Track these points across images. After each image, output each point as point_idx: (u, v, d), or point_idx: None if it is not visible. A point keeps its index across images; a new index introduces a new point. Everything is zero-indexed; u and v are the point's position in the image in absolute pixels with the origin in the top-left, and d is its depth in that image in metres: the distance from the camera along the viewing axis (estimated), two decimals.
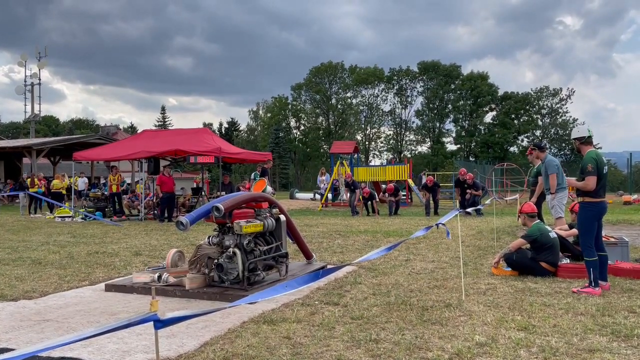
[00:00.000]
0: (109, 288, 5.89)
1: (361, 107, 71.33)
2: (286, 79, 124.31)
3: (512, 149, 66.29)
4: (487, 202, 9.64)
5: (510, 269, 6.42)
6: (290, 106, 73.60)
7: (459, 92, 67.39)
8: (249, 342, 3.89)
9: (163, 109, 78.00)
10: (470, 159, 63.17)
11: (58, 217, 16.59)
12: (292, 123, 74.39)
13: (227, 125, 75.55)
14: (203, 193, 18.38)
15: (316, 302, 5.08)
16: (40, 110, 40.55)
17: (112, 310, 5.06)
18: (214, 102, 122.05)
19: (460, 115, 68.29)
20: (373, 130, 72.10)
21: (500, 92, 66.91)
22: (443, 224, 4.95)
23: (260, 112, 77.23)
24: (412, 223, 13.25)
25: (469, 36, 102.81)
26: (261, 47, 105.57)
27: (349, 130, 70.61)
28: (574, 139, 5.64)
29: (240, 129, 77.85)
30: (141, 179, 23.30)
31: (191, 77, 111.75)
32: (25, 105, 39.66)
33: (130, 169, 30.12)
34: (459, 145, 68.90)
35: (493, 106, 67.14)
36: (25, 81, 39.12)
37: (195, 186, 23.17)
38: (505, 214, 14.97)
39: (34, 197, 19.41)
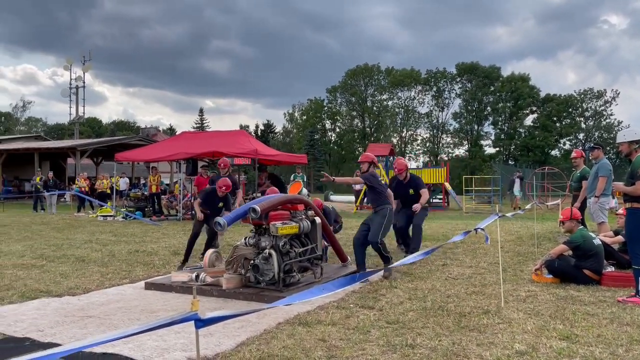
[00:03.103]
0: (149, 286, 6.03)
1: (397, 109, 70.85)
2: (321, 81, 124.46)
3: (553, 152, 64.53)
4: (528, 206, 9.40)
5: (551, 276, 6.23)
6: (325, 108, 73.78)
7: (498, 94, 66.11)
8: (284, 344, 3.91)
9: (201, 111, 79.46)
10: (510, 162, 61.82)
11: (100, 216, 17.10)
12: (327, 125, 74.57)
13: (262, 128, 76.30)
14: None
15: (351, 305, 5.07)
16: (84, 112, 42.02)
17: (151, 308, 5.17)
18: (250, 104, 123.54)
19: (500, 118, 66.95)
20: (409, 133, 71.51)
21: (542, 94, 65.29)
22: (482, 229, 4.85)
23: (296, 114, 77.76)
24: (449, 227, 13.05)
25: (508, 37, 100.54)
26: (296, 49, 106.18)
27: (385, 133, 70.22)
28: (629, 142, 5.37)
29: (276, 131, 78.54)
30: (179, 180, 23.79)
31: (228, 79, 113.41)
32: (70, 107, 41.18)
33: (169, 169, 30.79)
34: (497, 148, 67.55)
35: (534, 108, 65.55)
36: (70, 84, 40.62)
37: None
38: (546, 219, 14.57)
39: (79, 196, 20.07)
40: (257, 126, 77.94)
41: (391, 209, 6.98)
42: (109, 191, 20.72)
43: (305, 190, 5.64)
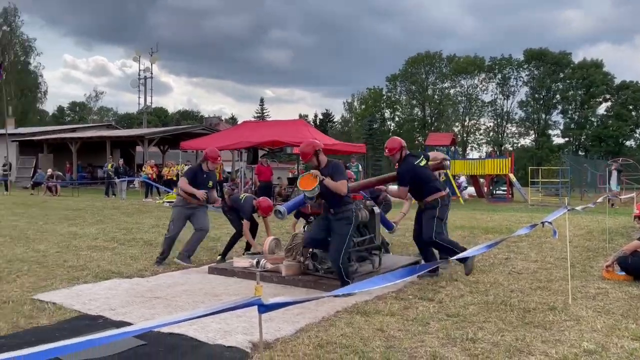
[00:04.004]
0: (212, 271, 6.24)
1: (459, 98, 69.00)
2: (381, 70, 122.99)
3: (628, 142, 60.78)
4: (599, 200, 8.92)
5: (624, 273, 5.90)
6: (384, 97, 72.98)
7: (568, 81, 62.91)
8: (342, 332, 3.93)
9: (261, 100, 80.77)
10: (580, 152, 58.85)
11: (166, 202, 17.82)
12: (387, 114, 73.78)
13: (321, 117, 76.58)
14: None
15: (410, 297, 5.02)
16: (151, 102, 43.83)
17: (214, 292, 5.35)
18: (309, 93, 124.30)
19: (570, 106, 63.75)
20: (472, 122, 69.53)
21: (617, 81, 61.47)
22: (549, 223, 4.65)
23: (355, 103, 77.43)
24: (513, 220, 12.62)
25: (580, 20, 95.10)
26: (356, 38, 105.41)
27: (446, 122, 68.65)
28: None
29: (335, 120, 78.60)
30: (241, 168, 24.36)
31: (287, 69, 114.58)
32: (139, 97, 43.01)
33: (231, 158, 31.59)
34: (567, 139, 64.42)
35: (607, 96, 61.88)
36: (139, 75, 42.39)
37: (290, 176, 23.79)
38: (619, 213, 13.77)
39: (147, 183, 21.01)
40: (315, 115, 78.40)
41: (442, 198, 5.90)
42: (174, 178, 21.55)
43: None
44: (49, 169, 25.02)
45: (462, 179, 22.67)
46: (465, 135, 68.35)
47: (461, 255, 3.78)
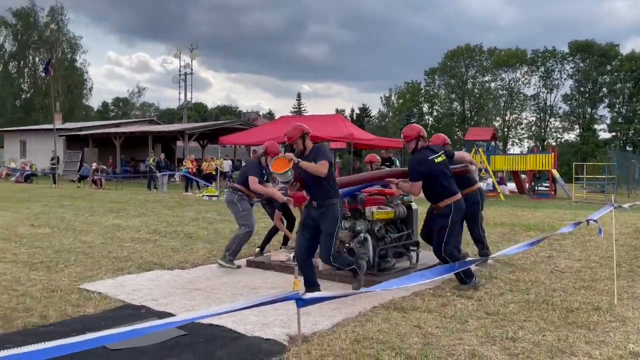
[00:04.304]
0: (250, 264, 6.33)
1: (500, 92, 67.38)
2: (419, 64, 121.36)
3: None
4: None
5: None
6: (422, 91, 72.02)
7: (616, 73, 60.41)
8: (379, 327, 3.93)
9: (298, 95, 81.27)
10: (627, 148, 56.57)
11: (206, 195, 18.16)
12: (425, 109, 72.78)
13: (358, 111, 76.29)
14: None
15: (448, 294, 4.97)
16: (191, 98, 44.70)
17: (253, 284, 5.44)
18: (346, 88, 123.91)
19: (617, 100, 61.25)
20: (513, 116, 67.80)
21: None
22: (594, 220, 4.50)
23: (392, 97, 76.70)
24: (556, 217, 12.26)
25: (628, 10, 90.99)
26: (394, 31, 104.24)
27: (486, 116, 67.18)
28: None
29: (372, 114, 78.13)
30: None
31: (324, 64, 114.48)
32: (180, 93, 43.96)
33: None
34: (613, 133, 61.99)
35: None
36: (179, 71, 43.28)
37: None
38: None
39: (187, 177, 21.47)
40: (352, 110, 78.14)
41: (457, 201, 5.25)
42: (214, 172, 21.95)
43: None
44: (94, 162, 25.90)
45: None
46: (506, 130, 66.71)
47: (497, 254, 3.69)
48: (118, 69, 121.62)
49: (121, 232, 8.79)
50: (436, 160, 5.13)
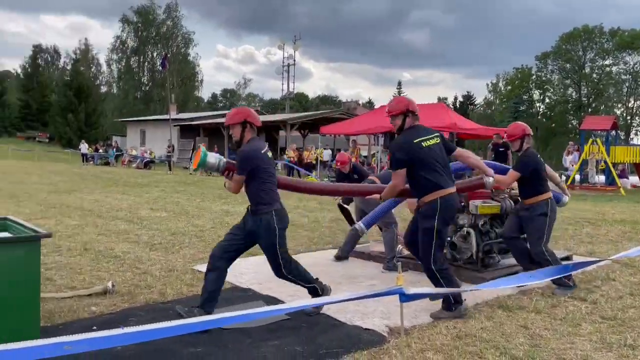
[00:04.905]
0: (350, 253, 6.41)
1: (623, 76, 61.46)
2: (530, 48, 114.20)
3: None
4: None
5: None
6: (534, 77, 67.69)
7: None
8: (482, 325, 3.81)
9: (399, 83, 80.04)
10: None
11: None
12: (535, 96, 68.40)
13: (461, 99, 73.50)
14: None
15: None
16: (294, 88, 45.79)
17: (352, 274, 5.51)
18: (449, 75, 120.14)
19: None
20: (637, 103, 61.61)
21: None
22: None
23: (500, 84, 72.95)
24: None
25: None
26: (502, 14, 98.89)
27: (606, 103, 61.71)
28: None
29: (476, 102, 74.95)
30: (377, 153, 24.50)
31: (425, 50, 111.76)
32: (283, 84, 45.20)
33: (367, 142, 31.86)
34: None
35: None
36: (283, 62, 44.50)
37: None
38: None
39: (289, 166, 22.14)
40: (455, 98, 75.39)
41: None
42: (314, 162, 22.42)
43: (214, 158, 3.95)
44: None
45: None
46: (629, 118, 60.85)
47: (617, 256, 3.41)
48: (226, 62, 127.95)
49: (229, 218, 9.28)
50: (423, 143, 4.06)
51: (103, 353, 2.78)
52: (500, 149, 15.38)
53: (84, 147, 33.80)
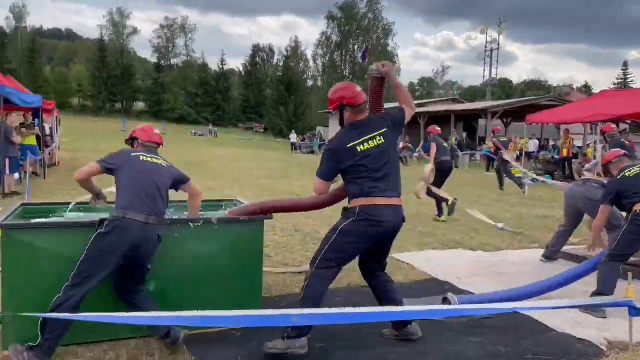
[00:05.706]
0: (560, 255, 5.88)
1: None
2: None
3: None
4: None
5: None
6: None
7: None
8: None
9: (625, 64, 69.73)
10: None
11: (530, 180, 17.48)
12: None
13: None
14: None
15: None
16: (497, 74, 43.32)
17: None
18: None
19: None
20: None
21: None
22: None
23: None
24: None
25: None
26: None
27: None
28: None
29: None
30: (593, 143, 21.89)
31: None
32: (484, 70, 43.15)
33: (582, 131, 28.57)
34: None
35: None
36: (485, 47, 42.44)
37: None
38: None
39: (488, 156, 21.13)
40: None
41: None
42: (517, 153, 20.99)
43: None
44: (401, 142, 27.88)
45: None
46: None
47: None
48: (424, 50, 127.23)
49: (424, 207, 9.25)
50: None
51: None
52: None
53: (293, 136, 37.13)
